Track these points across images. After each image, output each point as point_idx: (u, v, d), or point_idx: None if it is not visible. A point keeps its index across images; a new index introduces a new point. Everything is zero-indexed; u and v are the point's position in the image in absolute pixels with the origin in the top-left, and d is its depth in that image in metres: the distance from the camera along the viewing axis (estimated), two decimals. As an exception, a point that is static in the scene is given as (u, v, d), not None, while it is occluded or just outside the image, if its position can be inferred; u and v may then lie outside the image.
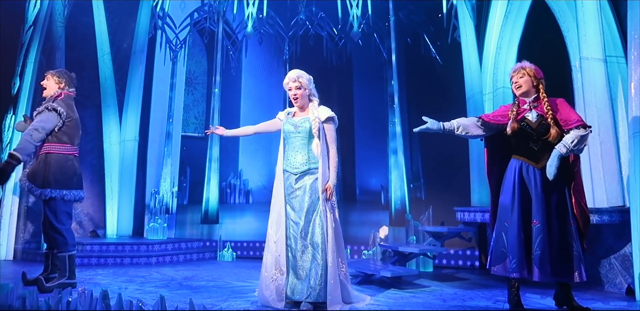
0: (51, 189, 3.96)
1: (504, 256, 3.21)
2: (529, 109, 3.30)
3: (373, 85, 7.10)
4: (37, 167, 4.00)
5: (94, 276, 4.79)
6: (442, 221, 5.66)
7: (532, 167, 3.24)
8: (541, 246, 3.09)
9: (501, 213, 3.29)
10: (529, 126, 3.25)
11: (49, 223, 4.00)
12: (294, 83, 3.56)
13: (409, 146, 6.77)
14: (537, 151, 3.25)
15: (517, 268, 3.12)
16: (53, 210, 4.00)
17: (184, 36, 7.51)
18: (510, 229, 3.19)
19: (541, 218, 3.13)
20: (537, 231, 3.12)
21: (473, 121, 3.43)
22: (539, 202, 3.16)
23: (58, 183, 3.99)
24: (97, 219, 6.91)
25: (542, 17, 4.92)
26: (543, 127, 3.23)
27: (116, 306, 2.73)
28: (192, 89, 7.97)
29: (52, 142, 4.03)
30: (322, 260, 3.33)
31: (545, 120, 3.24)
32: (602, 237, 4.15)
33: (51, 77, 4.22)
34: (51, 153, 4.02)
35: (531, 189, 3.21)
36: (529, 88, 3.31)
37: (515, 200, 3.21)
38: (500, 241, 3.25)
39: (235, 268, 5.51)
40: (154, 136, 7.18)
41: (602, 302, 3.63)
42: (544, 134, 3.23)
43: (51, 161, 4.00)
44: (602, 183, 4.16)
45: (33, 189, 3.97)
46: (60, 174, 4.00)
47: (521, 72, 3.32)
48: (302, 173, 3.48)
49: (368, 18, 7.02)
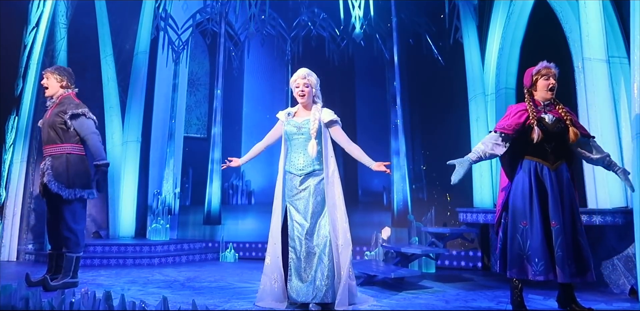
0: (77, 188, 4.04)
1: (521, 258, 3.17)
2: (543, 112, 3.30)
3: (375, 86, 7.10)
4: (61, 168, 4.04)
5: (97, 277, 4.79)
6: (444, 222, 5.65)
7: (546, 168, 3.24)
8: (562, 247, 3.08)
9: (515, 214, 3.24)
10: (545, 127, 3.25)
11: (65, 223, 4.03)
12: (303, 80, 3.56)
13: (411, 146, 6.77)
14: (549, 152, 3.25)
15: (545, 271, 3.09)
16: (73, 210, 4.05)
17: (187, 37, 7.52)
18: (532, 231, 3.15)
19: (559, 219, 3.12)
20: (556, 232, 3.11)
21: (492, 141, 3.30)
22: (555, 203, 3.15)
23: (81, 182, 4.08)
24: (100, 220, 6.92)
25: (545, 17, 4.92)
26: (559, 129, 3.24)
27: (119, 307, 2.73)
28: (195, 90, 7.98)
29: (72, 143, 4.12)
30: (328, 261, 3.32)
31: (561, 122, 3.25)
32: (605, 238, 4.15)
33: (50, 75, 4.23)
34: (72, 154, 4.10)
35: (547, 188, 3.19)
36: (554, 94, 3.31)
37: (534, 202, 3.18)
38: (516, 244, 3.20)
39: (238, 269, 5.52)
40: (156, 137, 7.19)
41: (605, 303, 3.63)
42: (558, 136, 3.24)
43: (72, 162, 4.08)
44: (605, 184, 4.15)
45: (62, 188, 4.00)
46: (82, 173, 4.10)
47: (555, 75, 3.31)
48: (307, 175, 3.47)
49: (370, 19, 7.02)
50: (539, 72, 3.33)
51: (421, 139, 6.79)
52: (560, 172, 3.25)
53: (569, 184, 3.25)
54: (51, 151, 4.11)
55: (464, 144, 5.56)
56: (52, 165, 4.05)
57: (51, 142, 4.12)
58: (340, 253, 3.37)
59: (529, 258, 3.15)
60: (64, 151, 4.08)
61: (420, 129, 6.82)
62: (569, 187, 3.24)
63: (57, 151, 4.09)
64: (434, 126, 6.41)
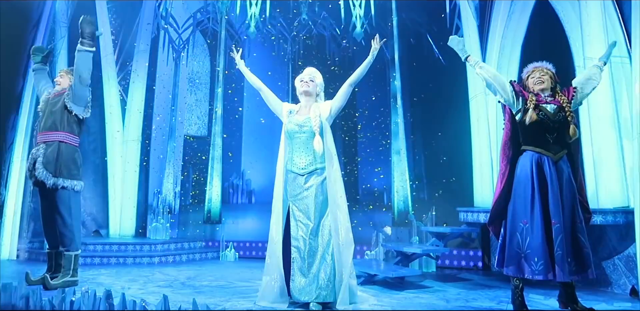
0: (63, 178, 4.01)
1: (518, 257, 3.17)
2: (545, 101, 3.30)
3: (376, 85, 7.10)
4: (51, 156, 4.02)
5: (97, 275, 4.79)
6: (445, 221, 5.65)
7: (548, 159, 3.21)
8: (562, 246, 3.07)
9: (516, 212, 3.23)
10: (546, 116, 3.24)
11: (62, 218, 4.01)
12: (308, 76, 3.60)
13: (412, 146, 6.77)
14: (552, 142, 3.24)
15: (544, 270, 3.08)
16: (66, 204, 4.02)
17: (187, 36, 7.52)
18: (532, 230, 3.14)
19: (559, 218, 3.11)
20: (557, 231, 3.09)
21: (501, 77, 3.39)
22: (555, 201, 3.13)
23: (70, 173, 4.05)
24: (100, 219, 6.92)
25: (546, 17, 4.91)
26: (559, 118, 3.23)
27: (119, 306, 2.73)
28: (195, 89, 7.98)
29: (67, 132, 4.10)
30: (331, 261, 3.32)
31: (562, 111, 3.24)
32: (606, 238, 4.14)
33: (65, 74, 4.31)
34: (64, 142, 4.08)
35: (548, 186, 3.17)
36: (548, 86, 3.33)
37: (535, 200, 3.16)
38: (515, 242, 3.19)
39: (238, 268, 5.51)
40: (156, 136, 7.19)
41: (606, 303, 3.62)
42: (560, 125, 3.23)
43: (63, 151, 4.06)
44: (606, 184, 4.15)
45: (48, 177, 3.97)
46: (72, 164, 4.08)
47: (544, 71, 3.37)
48: (309, 174, 3.46)
49: (371, 18, 7.02)
50: (527, 76, 3.43)
51: (422, 138, 6.79)
52: (561, 166, 3.23)
53: (569, 179, 3.22)
54: (45, 138, 4.09)
55: (465, 143, 5.56)
56: (44, 152, 4.03)
57: (46, 129, 4.10)
58: (341, 253, 3.36)
59: (527, 256, 3.14)
60: (57, 138, 4.06)
61: (421, 129, 6.82)
62: (569, 183, 3.21)
63: (51, 138, 4.07)
64: (435, 125, 6.41)
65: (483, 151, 5.33)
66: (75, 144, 4.16)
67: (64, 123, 4.10)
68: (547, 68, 3.40)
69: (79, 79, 4.07)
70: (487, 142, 5.28)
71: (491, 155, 5.26)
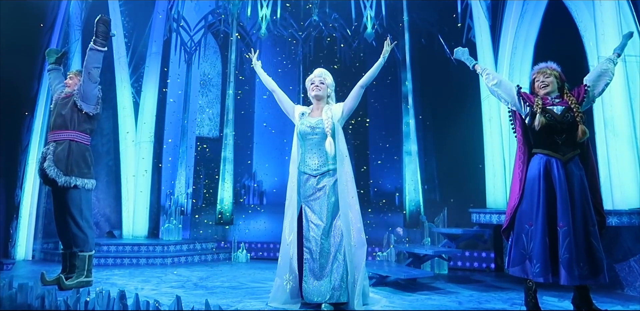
0: (75, 176, 4.05)
1: (522, 258, 3.16)
2: (551, 103, 3.27)
3: (387, 86, 7.08)
4: (62, 154, 4.05)
5: (111, 276, 4.84)
6: (456, 222, 5.61)
7: (557, 161, 3.18)
8: (569, 249, 3.04)
9: (522, 214, 3.22)
10: (553, 118, 3.21)
11: (73, 220, 4.05)
12: (319, 78, 3.61)
13: (423, 147, 6.74)
14: (560, 144, 3.20)
15: (541, 272, 3.06)
16: (77, 205, 4.06)
17: (199, 38, 7.58)
18: (534, 232, 3.12)
19: (567, 221, 3.07)
20: (563, 234, 3.06)
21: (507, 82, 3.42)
22: (564, 203, 3.10)
23: (81, 171, 4.09)
24: (114, 220, 6.99)
25: (559, 16, 4.87)
26: (568, 119, 3.19)
27: (133, 306, 2.75)
28: (207, 90, 8.02)
29: (78, 131, 4.14)
30: (343, 262, 3.32)
31: (569, 112, 3.20)
32: (621, 239, 4.09)
33: (75, 76, 4.35)
34: (75, 141, 4.12)
35: (556, 189, 3.14)
36: (553, 89, 3.29)
37: (540, 202, 3.14)
38: (520, 243, 3.19)
39: (250, 269, 5.53)
40: (169, 138, 7.24)
41: (621, 305, 3.58)
42: (569, 126, 3.19)
43: (74, 149, 4.09)
44: (621, 185, 4.10)
45: (60, 175, 4.01)
46: (82, 162, 4.11)
47: (547, 72, 3.32)
48: (322, 175, 3.46)
49: (382, 19, 7.00)
50: (533, 80, 3.40)
51: (433, 139, 6.75)
52: (571, 168, 3.18)
53: (581, 181, 3.16)
54: (55, 137, 4.13)
55: (477, 144, 5.52)
56: (54, 151, 4.06)
57: (57, 128, 4.14)
58: (354, 254, 3.36)
59: (531, 258, 3.13)
60: (67, 137, 4.10)
61: (433, 129, 6.79)
62: (581, 186, 3.16)
63: (62, 137, 4.11)
64: (446, 126, 6.37)
65: (495, 151, 5.29)
66: (86, 143, 4.19)
67: (74, 122, 4.13)
68: (551, 68, 3.34)
69: (87, 75, 4.11)
70: (500, 142, 5.24)
71: (504, 156, 5.23)
